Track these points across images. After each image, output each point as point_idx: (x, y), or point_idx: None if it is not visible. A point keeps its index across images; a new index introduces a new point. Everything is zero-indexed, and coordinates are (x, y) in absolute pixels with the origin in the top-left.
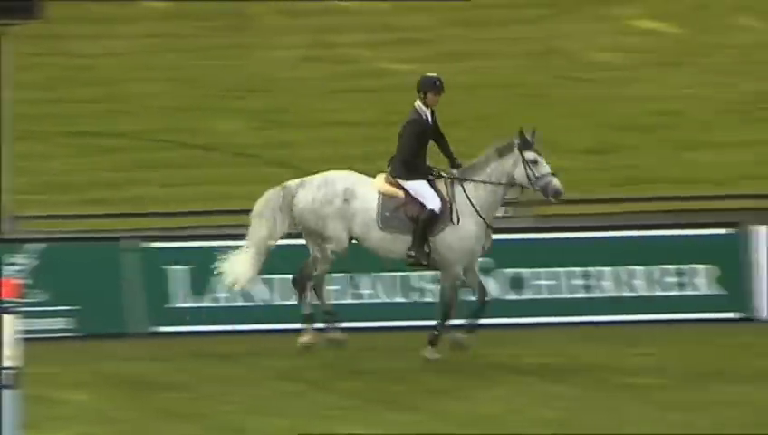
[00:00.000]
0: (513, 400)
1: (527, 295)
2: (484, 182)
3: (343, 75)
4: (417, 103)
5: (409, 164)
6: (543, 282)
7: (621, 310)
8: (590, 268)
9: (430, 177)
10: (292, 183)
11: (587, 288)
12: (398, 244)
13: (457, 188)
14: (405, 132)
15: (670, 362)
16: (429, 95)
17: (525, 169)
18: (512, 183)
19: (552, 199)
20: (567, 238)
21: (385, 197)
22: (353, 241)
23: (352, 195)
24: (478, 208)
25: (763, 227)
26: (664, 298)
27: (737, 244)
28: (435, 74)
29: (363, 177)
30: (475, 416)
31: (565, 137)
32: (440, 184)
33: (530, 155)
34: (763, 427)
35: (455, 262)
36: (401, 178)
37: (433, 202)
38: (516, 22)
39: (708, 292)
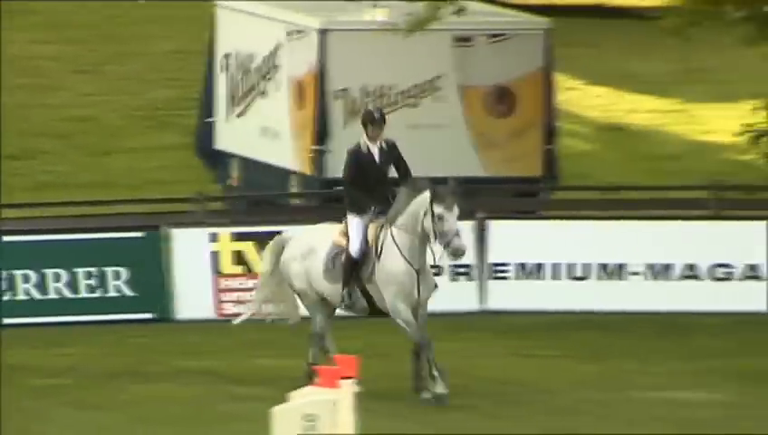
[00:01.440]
0: None
1: None
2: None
3: None
4: (363, 138)
5: (349, 197)
6: None
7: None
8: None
9: (369, 215)
10: (287, 235)
11: None
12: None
13: (386, 231)
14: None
15: (88, 363)
16: (369, 129)
17: (432, 223)
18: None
19: (454, 258)
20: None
21: (333, 245)
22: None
23: (311, 251)
24: (404, 252)
25: (177, 230)
26: (83, 300)
27: (153, 246)
28: (374, 108)
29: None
30: None
31: None
32: (373, 224)
33: (438, 209)
34: (195, 419)
35: (393, 301)
36: (347, 213)
37: (352, 245)
38: None
39: (126, 293)
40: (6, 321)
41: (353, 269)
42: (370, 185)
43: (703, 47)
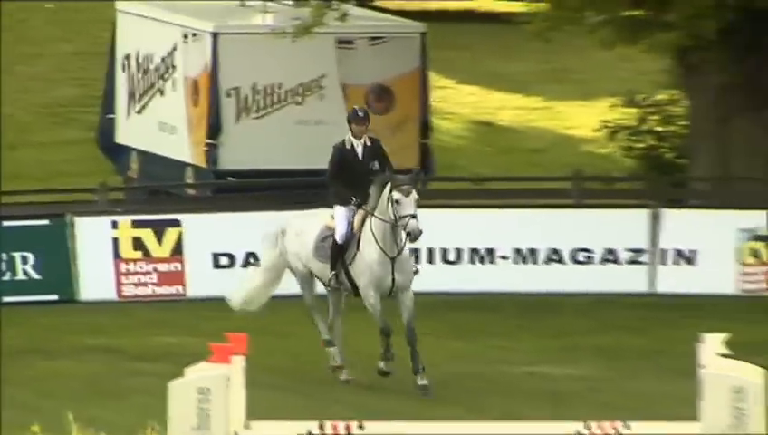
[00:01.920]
0: None
1: None
2: (379, 218)
3: None
4: (348, 134)
5: (333, 189)
6: None
7: None
8: None
9: (353, 206)
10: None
11: None
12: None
13: (367, 220)
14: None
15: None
16: (353, 126)
17: (392, 208)
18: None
19: (410, 239)
20: None
21: (324, 228)
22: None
23: (303, 232)
24: (378, 241)
25: (80, 218)
26: None
27: (59, 233)
28: (359, 108)
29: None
30: None
31: None
32: (359, 214)
33: (395, 195)
34: (97, 394)
35: (365, 288)
36: (334, 204)
37: (338, 232)
38: None
39: (33, 276)
40: None
41: (339, 254)
42: (354, 178)
43: (565, 49)
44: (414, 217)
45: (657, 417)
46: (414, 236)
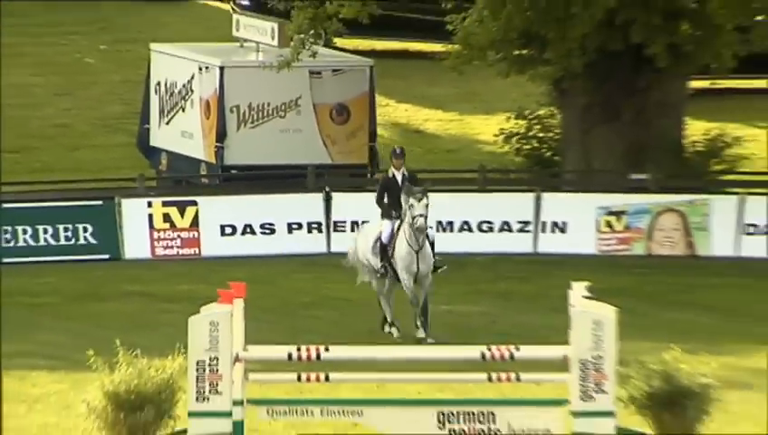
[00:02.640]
0: None
1: None
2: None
3: None
4: (391, 167)
5: (380, 208)
6: None
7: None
8: None
9: (394, 218)
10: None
11: None
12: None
13: (402, 226)
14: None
15: (65, 288)
16: (393, 161)
17: (408, 211)
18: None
19: (417, 231)
20: None
21: (378, 233)
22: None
23: (366, 235)
24: (406, 238)
25: (125, 199)
26: (63, 246)
27: (110, 210)
28: (398, 147)
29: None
30: None
31: None
32: (397, 223)
33: (411, 201)
34: (138, 326)
35: (400, 271)
36: (381, 218)
37: (383, 235)
38: None
39: (91, 241)
40: (7, 260)
41: (384, 250)
42: (395, 199)
43: (472, 78)
44: (422, 216)
45: (539, 342)
46: (419, 229)
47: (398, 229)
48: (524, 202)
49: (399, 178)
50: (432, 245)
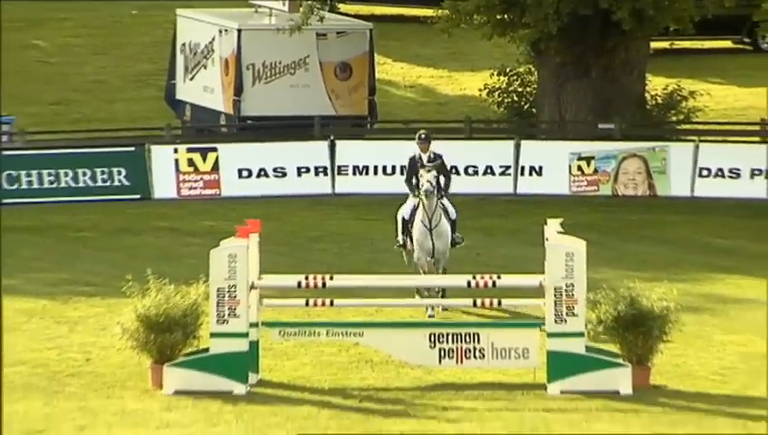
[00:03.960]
0: None
1: None
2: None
3: None
4: (417, 149)
5: (407, 186)
6: None
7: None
8: None
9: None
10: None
11: None
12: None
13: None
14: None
15: (102, 224)
16: (419, 145)
17: (419, 180)
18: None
19: (424, 195)
20: None
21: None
22: None
23: (401, 209)
24: (421, 216)
25: (154, 146)
26: (99, 187)
27: (141, 155)
28: (424, 132)
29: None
30: None
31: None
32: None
33: (421, 171)
34: (166, 257)
35: (414, 248)
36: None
37: (405, 211)
38: None
39: (125, 183)
40: (51, 200)
41: (404, 225)
42: (416, 178)
43: (460, 39)
44: (429, 182)
45: (518, 272)
46: (426, 192)
47: (419, 206)
48: (505, 149)
49: (425, 159)
50: (453, 223)
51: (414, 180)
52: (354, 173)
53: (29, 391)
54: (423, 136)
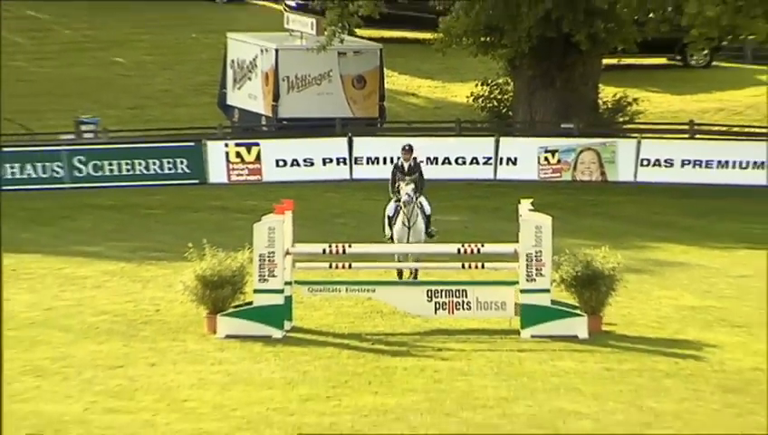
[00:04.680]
0: None
1: None
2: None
3: None
4: (401, 157)
5: (390, 189)
6: None
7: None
8: None
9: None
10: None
11: None
12: None
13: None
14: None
15: (170, 203)
16: (402, 154)
17: (400, 190)
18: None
19: (403, 204)
20: None
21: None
22: None
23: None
24: (402, 218)
25: (209, 142)
26: (167, 174)
27: (199, 149)
28: (407, 144)
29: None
30: None
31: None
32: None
33: (401, 184)
34: (218, 229)
35: (394, 241)
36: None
37: (390, 210)
38: None
39: (186, 171)
40: (128, 184)
41: (389, 222)
42: (398, 183)
43: (452, 57)
44: (407, 194)
45: (499, 241)
46: (404, 203)
47: (400, 210)
48: (487, 143)
49: (407, 166)
50: (428, 218)
51: (395, 186)
52: (368, 163)
53: (110, 335)
54: (407, 148)
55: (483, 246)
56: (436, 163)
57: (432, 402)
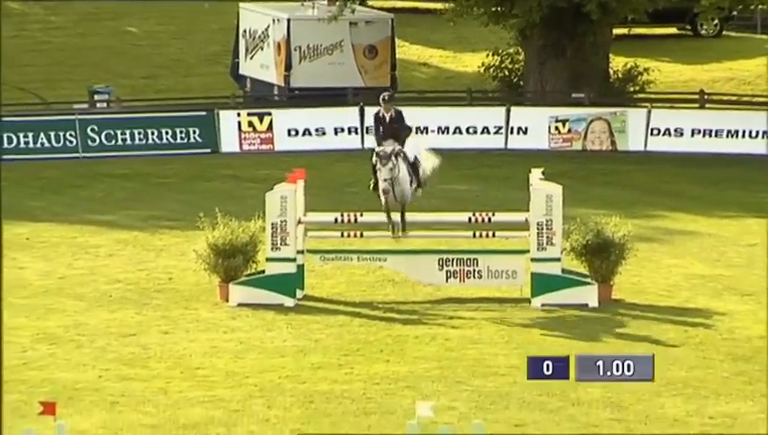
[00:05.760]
0: None
1: None
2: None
3: None
4: (381, 107)
5: (375, 138)
6: None
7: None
8: None
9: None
10: None
11: None
12: None
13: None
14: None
15: (183, 171)
16: (382, 105)
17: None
18: None
19: (380, 158)
20: None
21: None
22: None
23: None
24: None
25: (222, 111)
26: (179, 144)
27: (211, 118)
28: (386, 93)
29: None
30: None
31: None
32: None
33: (378, 165)
34: (230, 198)
35: (382, 197)
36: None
37: (373, 160)
38: None
39: (199, 140)
40: (141, 153)
41: (374, 170)
42: (384, 132)
43: (463, 26)
44: (385, 180)
45: (509, 210)
46: (383, 191)
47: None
48: (498, 113)
49: (388, 117)
50: (414, 166)
51: (377, 137)
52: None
53: (124, 303)
54: (386, 97)
55: (494, 214)
56: (447, 133)
57: (443, 370)
